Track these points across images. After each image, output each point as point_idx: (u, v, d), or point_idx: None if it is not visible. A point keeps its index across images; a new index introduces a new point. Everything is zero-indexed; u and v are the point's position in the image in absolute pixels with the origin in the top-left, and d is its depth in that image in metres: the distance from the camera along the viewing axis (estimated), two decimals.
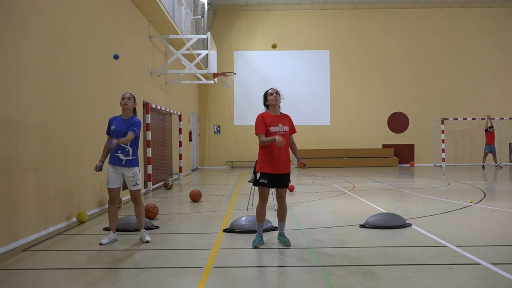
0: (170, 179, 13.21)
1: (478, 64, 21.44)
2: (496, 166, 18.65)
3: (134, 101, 5.59)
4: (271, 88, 5.31)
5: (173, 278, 4.04)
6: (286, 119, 5.27)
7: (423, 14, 21.57)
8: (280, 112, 5.31)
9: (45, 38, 6.15)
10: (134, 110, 5.66)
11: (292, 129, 5.33)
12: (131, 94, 5.59)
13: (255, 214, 6.85)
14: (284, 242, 5.21)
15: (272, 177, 5.15)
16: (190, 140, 17.92)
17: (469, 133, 21.40)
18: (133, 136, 5.38)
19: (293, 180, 13.70)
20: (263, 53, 21.59)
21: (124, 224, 6.12)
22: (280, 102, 5.23)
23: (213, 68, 14.07)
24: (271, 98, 5.19)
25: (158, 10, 11.07)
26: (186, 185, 12.95)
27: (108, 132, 5.54)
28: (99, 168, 5.43)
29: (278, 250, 5.09)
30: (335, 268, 4.31)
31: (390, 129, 21.29)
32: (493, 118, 14.38)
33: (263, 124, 5.12)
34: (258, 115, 5.20)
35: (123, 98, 5.50)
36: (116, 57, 5.82)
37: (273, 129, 5.10)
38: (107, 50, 8.62)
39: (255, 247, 5.09)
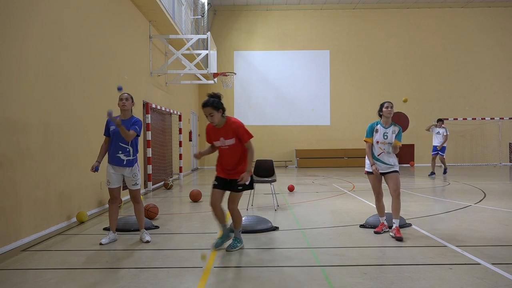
0: (170, 179, 13.21)
1: (478, 64, 21.45)
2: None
3: (132, 102, 5.53)
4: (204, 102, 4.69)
5: (173, 278, 4.04)
6: (229, 131, 4.69)
7: (423, 14, 21.59)
8: (226, 122, 4.73)
9: (45, 38, 6.15)
10: (131, 110, 5.60)
11: (243, 137, 4.70)
12: (128, 94, 5.54)
13: (255, 214, 6.89)
14: (229, 246, 4.95)
15: (225, 181, 4.90)
16: (190, 140, 17.92)
17: (469, 133, 21.41)
18: (134, 135, 5.36)
19: (293, 180, 13.77)
20: (263, 53, 21.60)
21: (124, 224, 6.12)
22: (216, 120, 4.66)
23: (213, 68, 14.07)
24: (207, 119, 4.72)
25: (158, 10, 11.08)
26: (186, 185, 12.95)
27: (107, 133, 5.49)
28: (95, 169, 5.41)
29: (278, 250, 5.09)
30: (335, 268, 4.31)
31: None
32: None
33: (208, 135, 4.91)
34: (207, 125, 4.91)
35: (120, 99, 5.44)
36: (119, 89, 5.50)
37: (216, 143, 4.84)
38: (107, 50, 8.63)
39: (215, 248, 4.78)
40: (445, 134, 14.23)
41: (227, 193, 5.02)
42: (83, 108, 7.38)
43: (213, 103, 4.60)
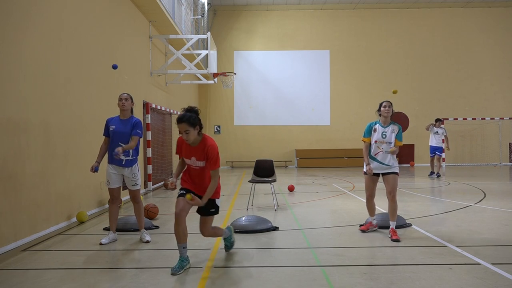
0: (170, 179, 13.20)
1: (478, 64, 21.45)
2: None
3: (132, 101, 5.55)
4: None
5: (173, 278, 4.04)
6: (204, 152, 4.18)
7: (423, 14, 21.58)
8: (201, 141, 4.22)
9: (45, 38, 6.15)
10: (131, 110, 5.62)
11: (211, 163, 4.16)
12: (128, 94, 5.56)
13: (255, 214, 6.88)
14: (226, 247, 4.88)
15: (194, 192, 4.32)
16: None
17: (469, 133, 21.41)
18: (137, 140, 5.41)
19: (293, 180, 13.76)
20: (263, 53, 21.60)
21: (124, 224, 6.12)
22: (191, 138, 4.12)
23: (213, 68, 14.07)
24: (182, 136, 4.18)
25: (158, 10, 11.08)
26: None
27: (106, 133, 5.50)
28: (95, 169, 5.41)
29: (278, 250, 5.09)
30: (335, 268, 4.31)
31: None
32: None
33: (179, 148, 4.36)
34: (179, 137, 4.33)
35: (120, 99, 5.46)
36: (114, 67, 5.61)
37: (187, 161, 4.31)
38: (107, 50, 8.62)
39: (174, 274, 4.11)
40: (445, 134, 14.11)
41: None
42: (83, 108, 7.38)
43: (190, 119, 4.05)
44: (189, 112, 4.15)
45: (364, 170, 5.84)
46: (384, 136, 5.66)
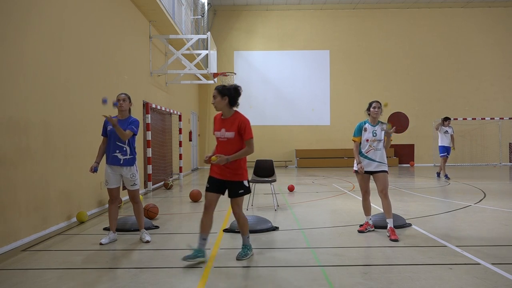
0: (170, 179, 13.21)
1: (478, 64, 21.45)
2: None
3: (130, 102, 5.55)
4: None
5: (173, 278, 4.04)
6: (234, 123, 4.54)
7: (423, 14, 21.59)
8: (233, 114, 4.61)
9: (45, 38, 6.15)
10: (129, 110, 5.62)
11: (245, 134, 4.53)
12: (126, 94, 5.56)
13: (255, 214, 6.89)
14: (239, 254, 4.67)
15: (219, 182, 4.60)
16: (190, 140, 17.92)
17: (469, 133, 21.41)
18: (130, 134, 5.36)
19: (293, 180, 13.77)
20: (263, 53, 21.60)
21: (124, 224, 6.12)
22: (218, 105, 4.52)
23: (213, 68, 14.07)
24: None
25: (158, 10, 11.08)
26: (186, 185, 12.94)
27: (104, 133, 5.50)
28: (94, 170, 5.41)
29: (278, 250, 5.09)
30: (335, 268, 4.31)
31: None
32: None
33: (214, 125, 4.74)
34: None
35: (118, 100, 5.47)
36: (104, 101, 5.29)
37: (216, 133, 4.62)
38: (107, 50, 8.63)
39: (185, 260, 4.42)
40: (451, 134, 13.78)
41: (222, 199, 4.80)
42: (83, 108, 7.38)
43: (222, 89, 4.58)
44: (230, 86, 4.65)
45: (355, 168, 5.95)
46: (374, 134, 5.82)
